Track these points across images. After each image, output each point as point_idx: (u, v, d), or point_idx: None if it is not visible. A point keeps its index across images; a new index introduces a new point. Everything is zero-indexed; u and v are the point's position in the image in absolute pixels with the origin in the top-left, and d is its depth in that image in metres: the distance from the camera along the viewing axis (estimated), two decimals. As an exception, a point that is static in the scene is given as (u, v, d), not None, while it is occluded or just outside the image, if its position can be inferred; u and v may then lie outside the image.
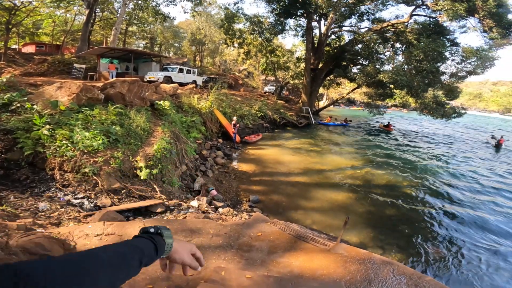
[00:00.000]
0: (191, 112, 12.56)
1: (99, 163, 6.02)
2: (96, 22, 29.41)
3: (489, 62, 17.72)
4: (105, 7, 29.07)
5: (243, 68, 49.09)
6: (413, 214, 8.21)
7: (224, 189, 8.77)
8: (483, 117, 67.10)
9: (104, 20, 30.80)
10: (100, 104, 8.37)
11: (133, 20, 31.04)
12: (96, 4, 23.66)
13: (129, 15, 29.21)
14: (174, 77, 17.62)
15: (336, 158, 14.38)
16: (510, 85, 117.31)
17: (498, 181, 13.10)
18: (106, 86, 9.18)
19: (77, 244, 3.55)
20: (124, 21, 28.95)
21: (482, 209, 9.22)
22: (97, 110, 7.54)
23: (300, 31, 29.24)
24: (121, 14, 20.39)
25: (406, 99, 21.92)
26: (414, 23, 22.22)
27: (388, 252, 6.00)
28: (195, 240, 4.25)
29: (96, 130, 6.60)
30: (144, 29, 34.96)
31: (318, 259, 3.67)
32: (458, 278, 5.47)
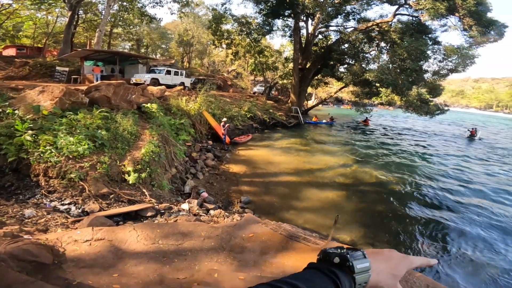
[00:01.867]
0: (179, 114, 12.41)
1: (85, 168, 5.88)
2: (79, 24, 28.73)
3: (470, 60, 18.31)
4: (88, 9, 28.37)
5: (232, 69, 48.94)
6: (400, 210, 8.40)
7: (215, 191, 8.72)
8: (465, 113, 69.57)
9: (87, 22, 30.07)
10: (85, 108, 8.17)
11: (118, 22, 30.44)
12: (79, 6, 23.10)
13: (114, 17, 28.63)
14: (162, 79, 17.40)
15: (325, 157, 14.55)
16: (491, 82, 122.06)
17: (477, 171, 14.06)
18: (90, 90, 8.97)
19: (66, 250, 3.48)
20: (109, 22, 28.39)
21: (465, 201, 9.53)
22: (82, 114, 7.35)
23: (288, 31, 29.44)
24: (105, 16, 19.98)
25: (392, 97, 22.35)
26: (398, 22, 22.77)
27: None
28: (187, 243, 4.20)
29: (81, 135, 6.45)
30: (129, 31, 34.34)
31: (310, 258, 3.65)
32: (446, 272, 5.59)
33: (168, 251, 3.95)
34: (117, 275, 3.10)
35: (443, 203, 9.23)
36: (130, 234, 4.20)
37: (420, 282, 3.22)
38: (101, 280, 2.95)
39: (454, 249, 6.48)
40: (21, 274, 2.48)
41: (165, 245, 4.10)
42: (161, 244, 4.12)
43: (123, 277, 3.08)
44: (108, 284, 2.89)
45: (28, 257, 2.85)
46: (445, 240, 6.88)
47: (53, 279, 2.80)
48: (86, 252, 3.51)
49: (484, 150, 20.13)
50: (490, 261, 6.05)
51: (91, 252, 3.54)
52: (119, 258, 3.53)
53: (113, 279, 3.02)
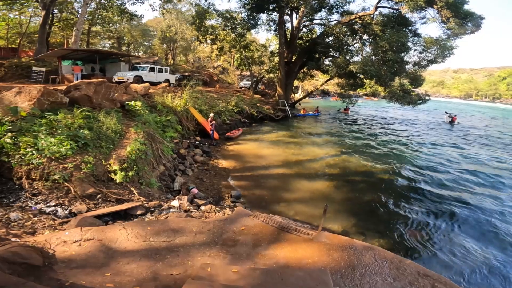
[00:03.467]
0: (165, 111, 12.21)
1: (69, 169, 5.71)
2: (55, 23, 27.61)
3: (448, 51, 18.85)
4: (64, 8, 27.22)
5: (218, 64, 48.33)
6: (387, 198, 8.66)
7: (205, 186, 8.69)
8: (446, 102, 72.11)
9: (63, 21, 28.88)
10: (65, 108, 7.90)
11: (97, 20, 29.36)
12: (53, 5, 22.16)
13: (92, 15, 27.63)
14: (145, 76, 17.09)
15: (313, 148, 14.77)
16: (470, 73, 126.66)
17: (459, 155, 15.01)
18: (70, 89, 8.68)
19: (55, 251, 3.44)
20: (86, 21, 27.40)
21: (450, 185, 9.95)
22: (62, 114, 7.11)
23: (273, 26, 29.33)
24: (82, 14, 19.24)
25: (376, 88, 22.81)
26: (380, 15, 23.09)
27: (369, 238, 6.27)
28: (179, 239, 4.19)
29: (63, 135, 6.24)
30: (109, 29, 33.19)
31: (302, 248, 3.77)
32: (434, 258, 5.79)
33: (160, 248, 3.94)
34: (110, 274, 3.08)
35: (429, 189, 9.59)
36: (120, 233, 4.16)
37: (410, 269, 3.35)
38: (94, 280, 2.93)
39: (441, 235, 6.70)
40: (12, 276, 2.42)
41: (157, 242, 4.08)
42: (152, 241, 4.10)
43: (116, 276, 3.06)
44: (102, 283, 2.86)
45: (17, 260, 2.80)
46: (432, 227, 7.13)
47: (45, 281, 2.76)
48: (77, 253, 3.47)
49: (464, 135, 21.83)
50: (477, 246, 6.28)
51: (81, 252, 3.50)
52: (111, 257, 3.51)
53: (106, 278, 3.00)
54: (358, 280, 3.15)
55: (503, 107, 75.55)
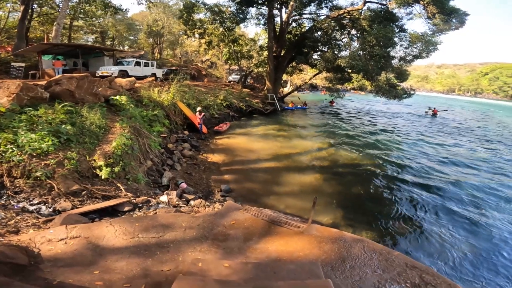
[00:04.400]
0: (152, 105, 11.92)
1: (51, 165, 5.49)
2: (34, 18, 26.42)
3: (433, 46, 19.26)
4: (44, 2, 25.99)
5: (206, 58, 47.54)
6: (376, 190, 8.85)
7: (194, 181, 8.60)
8: (430, 96, 74.16)
9: (43, 15, 27.62)
10: (46, 103, 7.58)
11: (79, 15, 28.20)
12: None
13: (74, 9, 26.53)
14: (131, 71, 16.68)
15: (302, 141, 14.88)
16: (453, 68, 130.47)
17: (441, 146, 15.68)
18: (50, 84, 8.32)
19: (41, 250, 3.35)
20: (68, 15, 26.33)
21: (434, 177, 10.25)
22: (43, 110, 6.81)
23: (262, 20, 29.11)
24: (63, 9, 18.51)
25: (363, 82, 23.12)
26: (367, 10, 23.23)
27: (358, 229, 6.37)
28: (168, 235, 4.13)
29: (44, 131, 5.98)
30: (92, 23, 31.96)
31: (293, 241, 3.79)
32: (421, 249, 5.93)
33: (150, 244, 3.87)
34: (99, 272, 3.01)
35: (415, 180, 9.85)
36: (108, 230, 4.07)
37: (399, 260, 3.42)
38: (82, 278, 2.85)
39: (427, 226, 6.87)
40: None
41: (146, 239, 4.01)
42: (141, 237, 4.03)
43: (106, 274, 2.99)
44: (91, 282, 2.79)
45: (2, 259, 2.73)
46: (418, 217, 7.32)
47: (32, 280, 2.67)
48: (63, 251, 3.38)
49: (446, 127, 23.14)
50: (464, 238, 6.47)
51: (67, 250, 3.41)
52: (99, 255, 3.44)
53: (95, 276, 2.93)
54: (349, 272, 3.20)
55: (485, 101, 78.43)
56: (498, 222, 7.29)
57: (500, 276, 5.29)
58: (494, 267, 5.49)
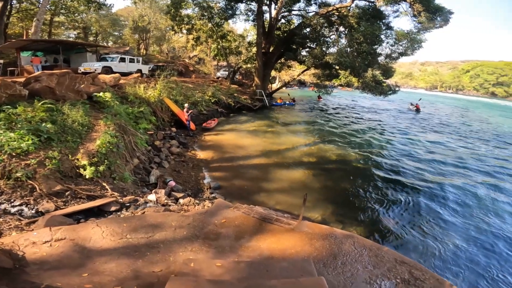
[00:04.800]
0: (138, 102, 11.59)
1: (32, 165, 5.24)
2: (13, 14, 25.19)
3: (418, 44, 19.70)
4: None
5: (194, 54, 46.71)
6: (364, 185, 8.98)
7: (183, 179, 8.46)
8: (413, 93, 76.08)
9: (22, 11, 26.35)
10: (25, 101, 7.23)
11: (60, 10, 27.05)
12: None
13: (55, 5, 25.43)
14: (115, 67, 16.24)
15: (291, 137, 14.94)
16: (435, 65, 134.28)
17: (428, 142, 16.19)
18: (30, 81, 7.95)
19: (25, 253, 3.25)
20: (48, 11, 25.22)
21: (419, 173, 10.49)
22: (22, 108, 6.48)
23: (251, 16, 28.88)
24: (43, 4, 17.71)
25: (350, 79, 23.42)
26: (356, 8, 23.44)
27: (347, 225, 6.44)
28: (158, 235, 4.05)
29: (23, 130, 5.69)
30: (74, 19, 30.72)
31: (285, 238, 3.78)
32: (409, 244, 6.00)
33: (139, 245, 3.80)
34: (88, 275, 2.92)
35: (402, 175, 10.09)
36: (94, 231, 3.98)
37: (388, 256, 3.48)
38: (71, 281, 2.76)
39: (414, 220, 7.00)
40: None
41: (135, 239, 3.93)
42: (130, 238, 3.94)
43: (95, 276, 2.90)
44: (80, 284, 2.71)
45: None
46: (406, 212, 7.45)
47: (18, 284, 2.58)
48: (48, 254, 3.29)
49: (429, 123, 23.93)
50: (450, 232, 6.60)
51: (53, 253, 3.33)
52: (87, 257, 3.36)
53: (83, 278, 2.84)
54: (341, 269, 3.23)
55: (466, 98, 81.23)
56: (481, 215, 7.54)
57: (483, 267, 5.46)
58: (477, 260, 5.65)
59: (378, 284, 3.01)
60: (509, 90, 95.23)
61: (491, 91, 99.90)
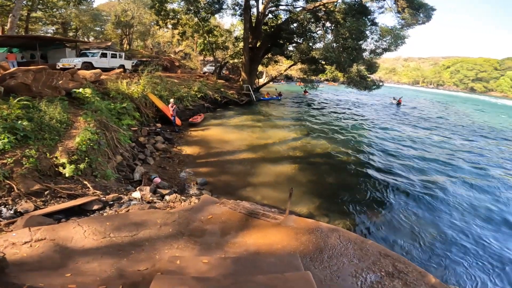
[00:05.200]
0: (120, 98, 11.24)
1: (9, 164, 5.01)
2: None
3: (401, 40, 20.11)
4: None
5: (179, 49, 45.73)
6: (348, 179, 9.17)
7: (169, 175, 8.33)
8: (396, 88, 77.92)
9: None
10: (0, 98, 6.85)
11: (37, 6, 25.67)
12: None
13: (32, 0, 24.12)
14: (96, 62, 15.65)
15: (277, 131, 14.99)
16: (418, 61, 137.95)
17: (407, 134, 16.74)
18: (5, 78, 7.60)
19: (5, 254, 3.10)
20: (25, 7, 23.92)
21: (402, 165, 10.79)
22: (-4, 106, 6.16)
23: (238, 10, 28.46)
24: (19, 0, 16.73)
25: (336, 74, 23.70)
26: (342, 3, 23.58)
27: (333, 218, 6.53)
28: (142, 233, 3.98)
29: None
30: (52, 14, 29.25)
31: (271, 233, 3.80)
32: (393, 237, 6.10)
33: (123, 244, 3.74)
34: (70, 275, 2.85)
35: (385, 169, 10.31)
36: (75, 231, 3.88)
37: (373, 249, 3.55)
38: (53, 282, 2.68)
39: (397, 213, 7.15)
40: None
41: (118, 238, 3.85)
42: (113, 237, 3.86)
43: (78, 276, 2.83)
44: (63, 285, 2.64)
45: None
46: (389, 205, 7.62)
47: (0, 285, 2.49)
48: (29, 255, 3.23)
49: (409, 117, 24.79)
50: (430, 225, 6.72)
51: (33, 254, 3.26)
52: (68, 257, 3.30)
53: (66, 279, 2.77)
54: (327, 263, 3.27)
55: (446, 93, 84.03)
56: (464, 206, 7.80)
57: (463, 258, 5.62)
58: (461, 251, 5.81)
59: (364, 277, 3.08)
60: (488, 86, 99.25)
61: (470, 86, 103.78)
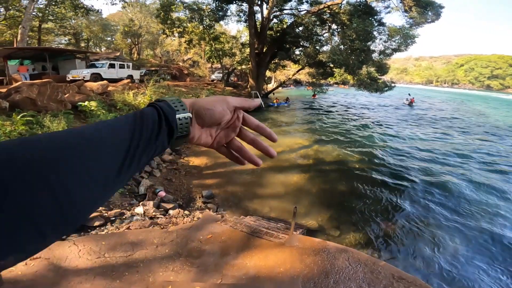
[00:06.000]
0: (126, 110, 11.29)
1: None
2: (1, 21, 24.92)
3: (411, 39, 19.55)
4: (10, 5, 24.49)
5: (188, 57, 46.43)
6: (362, 188, 8.59)
7: (174, 187, 8.18)
8: (408, 88, 76.05)
9: (10, 19, 26.09)
10: (5, 113, 6.94)
11: (48, 17, 26.81)
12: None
13: (42, 12, 25.19)
14: (104, 73, 15.95)
15: (287, 138, 14.66)
16: (429, 60, 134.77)
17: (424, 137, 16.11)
18: (10, 92, 7.67)
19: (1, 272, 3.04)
20: (36, 18, 24.97)
21: (420, 173, 10.16)
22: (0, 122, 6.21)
23: (243, 16, 28.68)
24: (27, 11, 17.43)
25: (345, 76, 23.28)
26: (347, 4, 23.30)
27: (344, 231, 6.07)
28: (138, 253, 3.81)
29: (0, 146, 5.38)
30: (63, 25, 30.46)
31: (274, 254, 3.52)
32: (409, 256, 5.40)
33: (117, 265, 3.60)
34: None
35: (402, 177, 9.65)
36: (70, 250, 3.78)
37: (385, 271, 3.21)
38: None
39: (414, 228, 6.48)
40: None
41: (113, 258, 3.71)
42: (108, 257, 3.73)
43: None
44: None
45: None
46: (405, 218, 6.92)
47: None
48: (23, 273, 3.20)
49: (423, 118, 23.69)
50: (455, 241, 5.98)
51: (28, 272, 3.23)
52: (62, 277, 3.26)
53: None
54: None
55: (461, 91, 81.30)
56: (494, 224, 6.81)
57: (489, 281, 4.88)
58: (487, 274, 5.03)
59: (373, 303, 2.75)
60: (504, 83, 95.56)
61: (486, 84, 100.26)
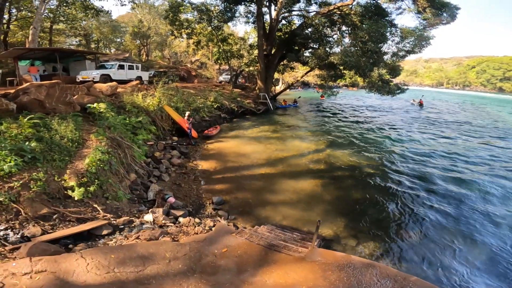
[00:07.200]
0: (135, 111, 11.16)
1: (15, 188, 4.83)
2: (12, 22, 25.35)
3: (425, 41, 18.99)
4: (21, 5, 24.91)
5: (196, 59, 46.57)
6: (378, 194, 8.25)
7: (183, 193, 7.98)
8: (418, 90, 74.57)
9: (21, 19, 26.56)
10: (13, 115, 6.81)
11: (59, 18, 27.24)
12: (6, 2, 20.27)
13: (53, 12, 25.56)
14: (114, 74, 15.91)
15: (297, 142, 14.34)
16: (440, 62, 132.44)
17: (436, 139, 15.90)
18: (18, 93, 7.54)
19: (5, 284, 2.98)
20: (47, 19, 25.37)
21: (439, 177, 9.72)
22: (6, 124, 6.06)
23: (251, 18, 28.59)
24: (38, 12, 17.61)
25: (355, 78, 22.78)
26: (357, 6, 22.86)
27: (362, 241, 5.79)
28: (150, 269, 3.56)
29: (5, 150, 5.25)
30: (74, 26, 30.91)
31: (294, 271, 3.24)
32: (444, 269, 5.05)
33: (127, 281, 3.36)
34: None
35: (417, 181, 9.31)
36: (78, 263, 3.55)
37: (417, 287, 2.92)
38: None
39: (434, 233, 6.25)
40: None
41: (123, 274, 3.47)
42: (117, 272, 3.49)
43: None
44: None
45: None
46: (433, 226, 6.60)
47: None
48: (28, 286, 3.04)
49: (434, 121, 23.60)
50: (490, 250, 5.69)
51: (33, 286, 3.06)
52: None
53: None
54: (363, 313, 2.67)
55: (473, 94, 79.43)
56: None
57: None
58: None
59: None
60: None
61: (498, 86, 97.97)
